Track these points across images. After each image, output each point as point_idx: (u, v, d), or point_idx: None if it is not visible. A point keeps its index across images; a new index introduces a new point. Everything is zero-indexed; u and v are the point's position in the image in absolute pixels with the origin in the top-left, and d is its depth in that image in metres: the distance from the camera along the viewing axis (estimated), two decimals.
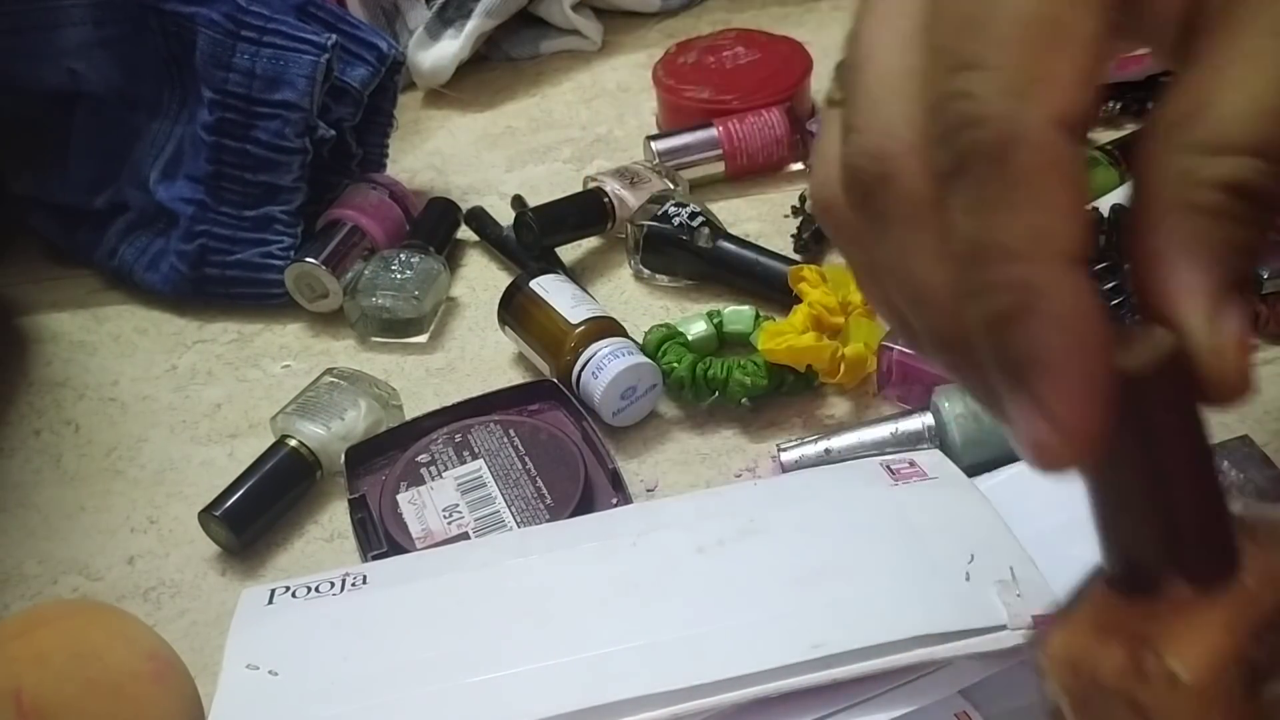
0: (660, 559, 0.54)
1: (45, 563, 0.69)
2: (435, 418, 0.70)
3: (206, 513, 0.67)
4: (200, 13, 0.80)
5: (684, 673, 0.47)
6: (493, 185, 0.96)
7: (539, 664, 0.49)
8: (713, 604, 0.51)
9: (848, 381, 0.70)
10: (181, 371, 0.82)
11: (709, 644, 0.49)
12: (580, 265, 0.86)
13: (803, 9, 1.12)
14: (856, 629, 0.47)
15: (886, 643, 0.47)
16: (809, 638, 0.47)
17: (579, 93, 1.07)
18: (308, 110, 0.81)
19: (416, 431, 0.70)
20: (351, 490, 0.67)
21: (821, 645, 0.47)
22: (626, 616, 0.51)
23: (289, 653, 0.52)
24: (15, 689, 0.50)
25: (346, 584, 0.56)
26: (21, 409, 0.80)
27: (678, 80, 0.96)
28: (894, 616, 0.48)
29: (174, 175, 0.85)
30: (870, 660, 0.47)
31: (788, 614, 0.50)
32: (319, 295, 0.83)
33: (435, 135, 1.04)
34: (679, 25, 1.13)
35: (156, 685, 0.54)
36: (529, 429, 0.69)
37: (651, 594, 0.53)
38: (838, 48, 1.13)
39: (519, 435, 0.68)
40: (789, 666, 0.47)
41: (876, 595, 0.50)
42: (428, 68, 1.06)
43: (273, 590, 0.56)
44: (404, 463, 0.68)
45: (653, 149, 0.91)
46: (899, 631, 0.47)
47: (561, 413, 0.71)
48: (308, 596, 0.55)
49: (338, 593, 0.55)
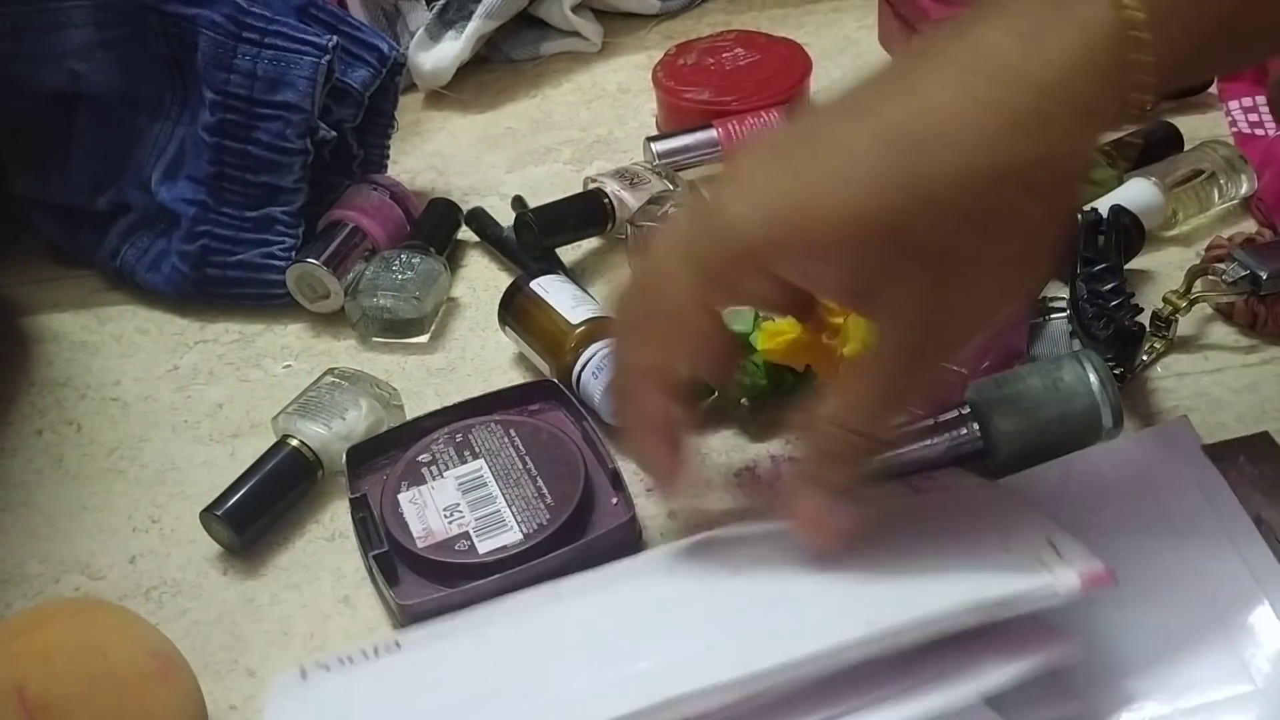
0: (698, 583, 0.54)
1: (47, 562, 0.69)
2: (436, 417, 0.71)
3: (208, 512, 0.67)
4: (202, 14, 0.81)
5: (740, 663, 0.46)
6: (493, 186, 0.96)
7: (593, 680, 0.48)
8: (757, 608, 0.51)
9: None
10: (183, 371, 0.82)
11: (760, 639, 0.48)
12: (580, 266, 0.87)
13: (803, 10, 1.12)
14: (909, 605, 0.47)
15: (940, 614, 0.46)
16: (862, 617, 0.47)
17: (579, 94, 1.07)
18: (309, 111, 0.81)
19: (417, 431, 0.70)
20: (352, 490, 0.67)
21: (874, 622, 0.46)
22: (675, 629, 0.51)
23: (333, 717, 0.52)
24: (19, 686, 0.50)
25: (380, 650, 0.56)
26: (23, 409, 0.80)
27: (677, 81, 0.96)
28: (943, 591, 0.47)
29: (175, 176, 0.86)
30: (927, 629, 0.46)
31: (836, 606, 0.49)
32: (320, 296, 0.83)
33: (436, 136, 1.04)
34: (679, 27, 1.14)
35: (160, 682, 0.54)
36: (530, 429, 0.69)
37: (696, 609, 0.52)
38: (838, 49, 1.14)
39: (519, 435, 0.68)
40: (847, 644, 0.46)
41: (922, 578, 0.50)
42: (428, 69, 1.06)
43: (304, 668, 0.56)
44: (405, 462, 0.68)
45: (653, 150, 0.92)
46: (951, 602, 0.46)
47: (562, 412, 0.71)
48: (342, 668, 0.55)
49: (373, 659, 0.55)
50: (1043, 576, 0.47)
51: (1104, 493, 0.58)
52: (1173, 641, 0.52)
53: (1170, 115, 0.90)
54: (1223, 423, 0.67)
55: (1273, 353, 0.71)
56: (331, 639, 0.63)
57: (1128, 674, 0.51)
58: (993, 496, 0.57)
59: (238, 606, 0.66)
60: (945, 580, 0.49)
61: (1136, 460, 0.59)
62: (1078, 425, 0.62)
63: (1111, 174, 0.83)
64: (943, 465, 0.64)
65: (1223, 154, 0.82)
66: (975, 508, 0.56)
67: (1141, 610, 0.53)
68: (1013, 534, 0.51)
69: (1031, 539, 0.50)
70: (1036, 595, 0.47)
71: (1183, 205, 0.80)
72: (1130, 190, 0.79)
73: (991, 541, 0.51)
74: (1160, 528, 0.56)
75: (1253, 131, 0.89)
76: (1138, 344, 0.68)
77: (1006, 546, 0.50)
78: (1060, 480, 0.60)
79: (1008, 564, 0.49)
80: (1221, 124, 0.91)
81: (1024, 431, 0.63)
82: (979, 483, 0.59)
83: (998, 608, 0.47)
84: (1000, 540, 0.51)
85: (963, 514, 0.56)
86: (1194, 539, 0.55)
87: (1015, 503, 0.55)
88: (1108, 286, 0.70)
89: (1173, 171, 0.81)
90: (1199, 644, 0.51)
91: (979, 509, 0.56)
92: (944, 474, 0.61)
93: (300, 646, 0.63)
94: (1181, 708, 0.50)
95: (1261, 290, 0.70)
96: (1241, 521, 0.55)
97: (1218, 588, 0.53)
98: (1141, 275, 0.77)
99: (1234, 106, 0.92)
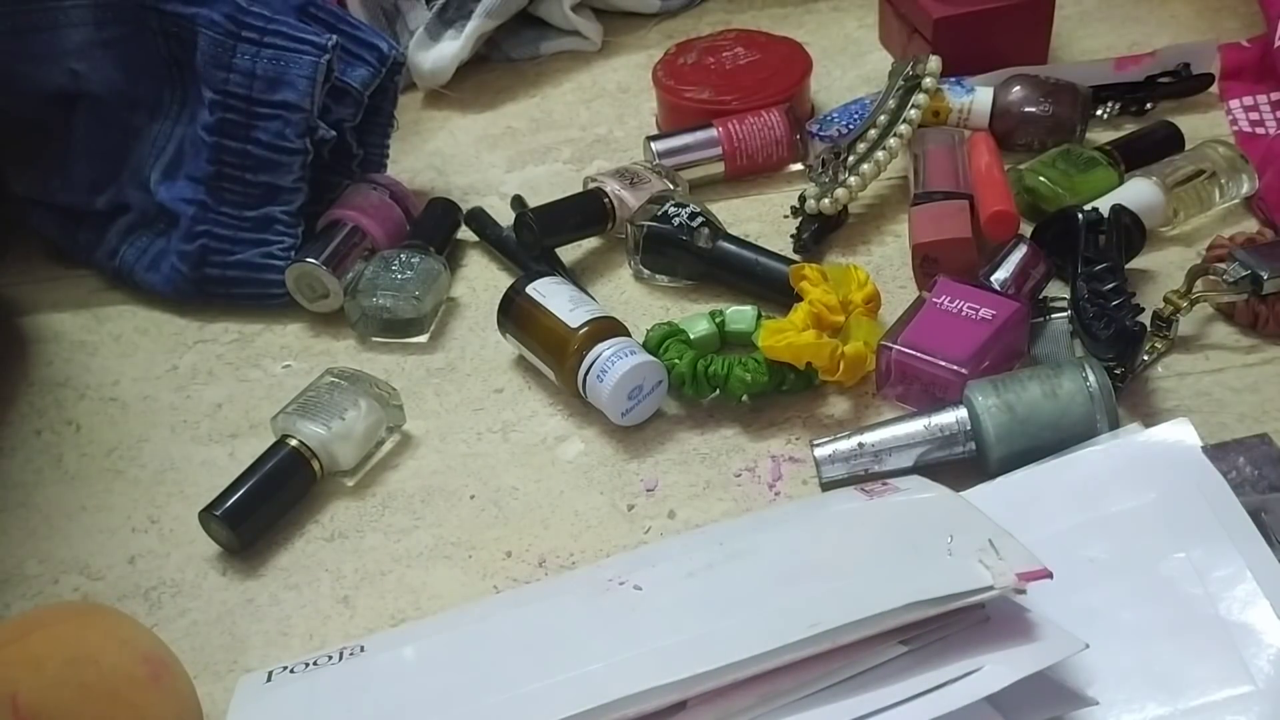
0: (653, 587, 0.55)
1: (46, 562, 0.69)
2: None
3: (207, 512, 0.67)
4: (201, 14, 0.81)
5: (687, 664, 0.47)
6: (493, 186, 0.96)
7: (547, 681, 0.49)
8: (709, 611, 0.52)
9: (847, 380, 0.70)
10: (182, 371, 0.82)
11: (709, 640, 0.49)
12: (580, 265, 0.87)
13: (803, 9, 1.12)
14: (851, 606, 0.48)
15: (881, 613, 0.47)
16: (806, 619, 0.48)
17: (579, 93, 1.07)
18: (308, 111, 0.81)
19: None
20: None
21: (818, 624, 0.47)
22: (627, 633, 0.52)
23: (293, 718, 0.52)
24: (11, 694, 0.50)
25: (344, 655, 0.56)
26: (22, 409, 0.80)
27: (677, 81, 0.96)
28: (885, 591, 0.48)
29: (175, 176, 0.85)
30: (867, 629, 0.47)
31: (782, 607, 0.50)
32: (319, 295, 0.83)
33: (435, 136, 1.04)
34: (679, 26, 1.14)
35: (153, 688, 0.54)
36: None
37: (649, 614, 0.53)
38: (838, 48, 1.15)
39: None
40: (789, 645, 0.47)
41: (866, 579, 0.51)
42: (428, 68, 1.06)
43: (270, 671, 0.57)
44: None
45: (652, 149, 0.91)
46: (891, 602, 0.47)
47: None
48: (306, 670, 0.56)
49: (336, 662, 0.56)
50: (981, 575, 0.48)
51: (1104, 492, 0.59)
52: (1173, 641, 0.52)
53: (1171, 115, 0.90)
54: (1223, 423, 0.67)
55: (1273, 353, 0.71)
56: (331, 639, 0.63)
57: (1128, 674, 0.51)
58: (942, 501, 0.58)
59: (237, 607, 0.65)
60: (887, 581, 0.50)
61: (1137, 460, 0.60)
62: (1072, 433, 0.62)
63: (1112, 174, 0.83)
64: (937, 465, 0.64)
65: (1224, 153, 0.81)
66: (923, 512, 0.57)
67: (1141, 610, 0.53)
68: (957, 536, 0.52)
69: (974, 540, 0.51)
70: (974, 593, 0.48)
71: (1184, 205, 0.80)
72: (1131, 190, 0.79)
73: (936, 544, 0.52)
74: (1160, 527, 0.56)
75: (1254, 131, 0.89)
76: (1139, 344, 0.68)
77: (949, 549, 0.51)
78: (1060, 479, 0.60)
79: (949, 564, 0.50)
80: (1222, 123, 0.90)
81: (1016, 437, 0.63)
82: (931, 488, 0.60)
83: (935, 604, 0.48)
84: (944, 542, 0.52)
85: (910, 518, 0.57)
86: (1194, 539, 0.55)
87: (963, 507, 0.56)
88: (1108, 286, 0.70)
89: (1173, 171, 0.80)
90: (1199, 644, 0.52)
91: (927, 513, 0.56)
92: (900, 480, 0.62)
93: (299, 647, 0.63)
94: (1182, 708, 0.50)
95: (1263, 290, 0.70)
96: (1241, 521, 0.55)
97: (1218, 588, 0.53)
98: (1142, 275, 0.77)
99: (1235, 106, 0.92)
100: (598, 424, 0.73)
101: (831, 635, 0.47)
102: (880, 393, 0.71)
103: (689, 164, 0.91)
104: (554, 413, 0.75)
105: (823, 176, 0.85)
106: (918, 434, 0.65)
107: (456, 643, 0.56)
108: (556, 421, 0.74)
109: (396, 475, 0.72)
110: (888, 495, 0.59)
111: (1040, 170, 0.83)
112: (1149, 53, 0.94)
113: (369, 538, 0.68)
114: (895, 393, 0.70)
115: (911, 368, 0.68)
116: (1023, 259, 0.75)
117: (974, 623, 0.49)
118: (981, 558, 0.49)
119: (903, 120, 0.86)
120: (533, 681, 0.50)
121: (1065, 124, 0.88)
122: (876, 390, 0.72)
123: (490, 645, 0.55)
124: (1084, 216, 0.74)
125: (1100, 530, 0.57)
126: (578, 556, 0.65)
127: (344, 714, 0.52)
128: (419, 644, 0.56)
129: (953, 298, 0.71)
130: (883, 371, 0.70)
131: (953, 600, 0.48)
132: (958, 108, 0.90)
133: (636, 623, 0.53)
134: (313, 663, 0.56)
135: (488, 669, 0.52)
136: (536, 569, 0.65)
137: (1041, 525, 0.57)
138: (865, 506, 0.58)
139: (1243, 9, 1.01)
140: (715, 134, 0.91)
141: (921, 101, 0.87)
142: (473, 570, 0.66)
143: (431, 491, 0.71)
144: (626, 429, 0.72)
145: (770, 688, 0.47)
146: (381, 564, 0.67)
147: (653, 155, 0.91)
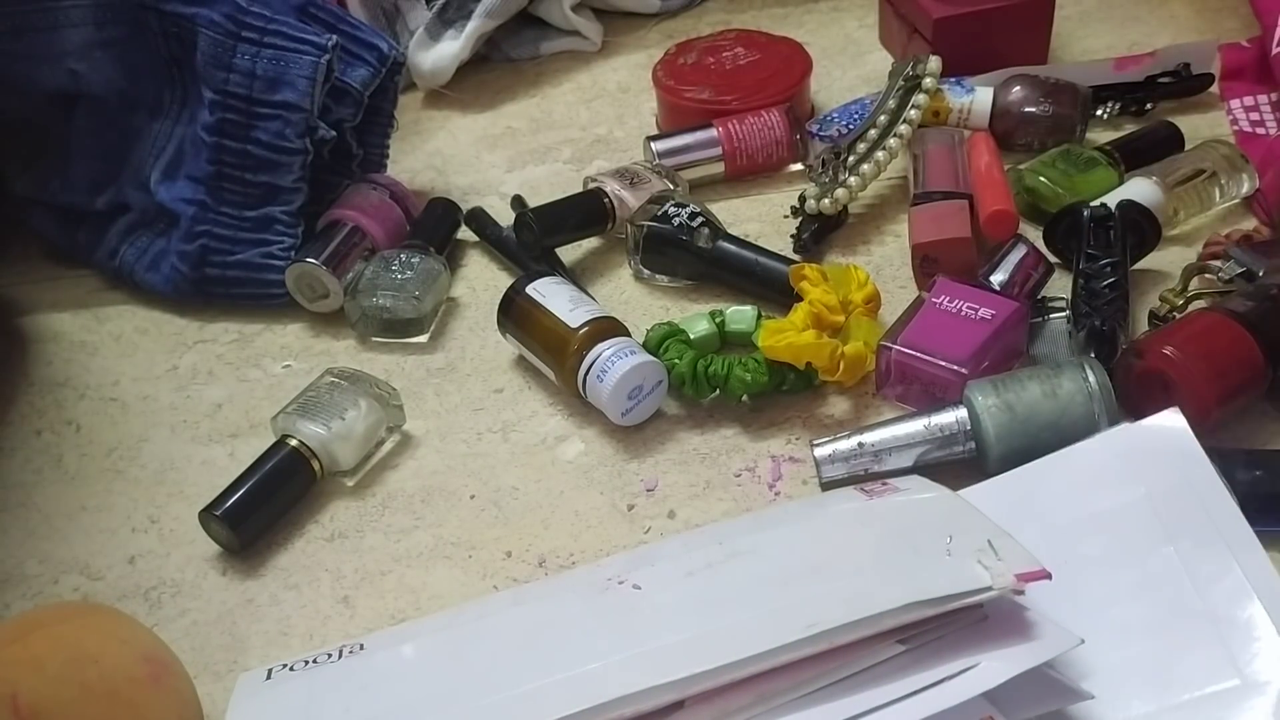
0: (652, 587, 0.55)
1: (46, 562, 0.69)
2: None
3: (207, 512, 0.67)
4: (201, 13, 0.81)
5: (685, 663, 0.47)
6: (493, 186, 0.96)
7: (545, 679, 0.49)
8: (708, 611, 0.52)
9: (847, 380, 0.70)
10: (182, 371, 0.82)
11: (707, 640, 0.49)
12: (580, 265, 0.87)
13: (803, 9, 1.12)
14: (849, 606, 0.48)
15: (879, 613, 0.47)
16: (804, 620, 0.48)
17: (579, 93, 1.07)
18: (308, 111, 0.81)
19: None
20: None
21: (816, 624, 0.47)
22: (626, 632, 0.52)
23: (292, 715, 0.52)
24: (12, 694, 0.50)
25: (344, 653, 0.57)
26: (22, 409, 0.80)
27: (678, 81, 0.96)
28: (884, 592, 0.48)
29: (175, 176, 0.85)
30: (865, 630, 0.47)
31: (781, 607, 0.50)
32: (320, 295, 0.83)
33: (435, 136, 1.04)
34: (679, 26, 1.14)
35: (153, 688, 0.54)
36: None
37: (648, 614, 0.53)
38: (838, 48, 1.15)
39: None
40: (787, 645, 0.47)
41: (865, 579, 0.51)
42: (428, 68, 1.06)
43: (270, 669, 0.57)
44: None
45: (652, 149, 0.91)
46: (890, 602, 0.48)
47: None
48: (306, 668, 0.56)
49: (336, 660, 0.56)
50: (980, 576, 0.49)
51: (1097, 486, 0.59)
52: (1163, 637, 0.52)
53: (1171, 115, 0.90)
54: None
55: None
56: (331, 639, 0.63)
57: (1120, 670, 0.51)
58: (941, 501, 0.58)
59: (237, 607, 0.65)
60: (886, 581, 0.50)
61: (1129, 451, 0.60)
62: (1072, 432, 0.62)
63: (1112, 174, 0.83)
64: (937, 465, 0.64)
65: (1224, 153, 0.81)
66: (922, 512, 0.57)
67: (1131, 605, 0.54)
68: (956, 537, 0.52)
69: (973, 541, 0.51)
70: (973, 593, 0.48)
71: (1184, 205, 0.80)
72: (1131, 190, 0.79)
73: (935, 544, 0.52)
74: (1150, 522, 0.56)
75: (1254, 130, 0.89)
76: (1112, 345, 0.67)
77: (948, 549, 0.51)
78: (1055, 474, 0.61)
79: (947, 565, 0.50)
80: (1223, 123, 0.90)
81: (1016, 436, 0.63)
82: (931, 488, 0.60)
83: (933, 605, 0.48)
84: (943, 543, 0.52)
85: (910, 518, 0.57)
86: (1182, 533, 0.55)
87: (962, 507, 0.56)
88: (1103, 284, 0.70)
89: (1174, 171, 0.80)
90: (1188, 639, 0.52)
91: (926, 514, 0.57)
92: (900, 480, 0.62)
93: (299, 646, 0.63)
94: (1170, 703, 0.50)
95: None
96: (1230, 514, 0.55)
97: (1206, 582, 0.53)
98: (1142, 275, 0.77)
99: (1235, 105, 0.92)
100: (598, 424, 0.73)
101: (829, 636, 0.47)
102: (880, 393, 0.71)
103: (689, 164, 0.91)
104: (554, 413, 0.75)
105: (823, 176, 0.86)
106: (917, 434, 0.65)
107: (456, 641, 0.56)
108: (556, 421, 0.74)
109: (396, 475, 0.72)
110: (887, 495, 0.59)
111: (1040, 170, 0.83)
112: (1149, 53, 0.94)
113: (369, 538, 0.68)
114: (895, 393, 0.70)
115: (911, 368, 0.68)
116: (1022, 259, 0.75)
117: (971, 622, 0.49)
118: (980, 558, 0.50)
119: (903, 120, 0.86)
120: (531, 680, 0.50)
121: (1065, 124, 0.88)
122: (876, 390, 0.72)
123: (489, 644, 0.55)
124: (1089, 212, 0.74)
125: (1093, 525, 0.57)
126: (578, 556, 0.65)
127: (343, 712, 0.52)
128: (418, 642, 0.57)
129: (952, 298, 0.71)
130: (883, 371, 0.70)
131: (951, 601, 0.48)
132: (958, 108, 0.90)
133: (635, 622, 0.53)
134: (312, 661, 0.56)
135: (487, 667, 0.52)
136: (536, 569, 0.65)
137: (1037, 522, 0.57)
138: (865, 506, 0.59)
139: (1243, 9, 1.01)
140: (715, 134, 0.91)
141: (921, 101, 0.87)
142: (473, 570, 0.66)
143: (431, 491, 0.71)
144: (626, 429, 0.72)
145: (768, 687, 0.47)
146: (381, 564, 0.67)
147: (653, 155, 0.91)
